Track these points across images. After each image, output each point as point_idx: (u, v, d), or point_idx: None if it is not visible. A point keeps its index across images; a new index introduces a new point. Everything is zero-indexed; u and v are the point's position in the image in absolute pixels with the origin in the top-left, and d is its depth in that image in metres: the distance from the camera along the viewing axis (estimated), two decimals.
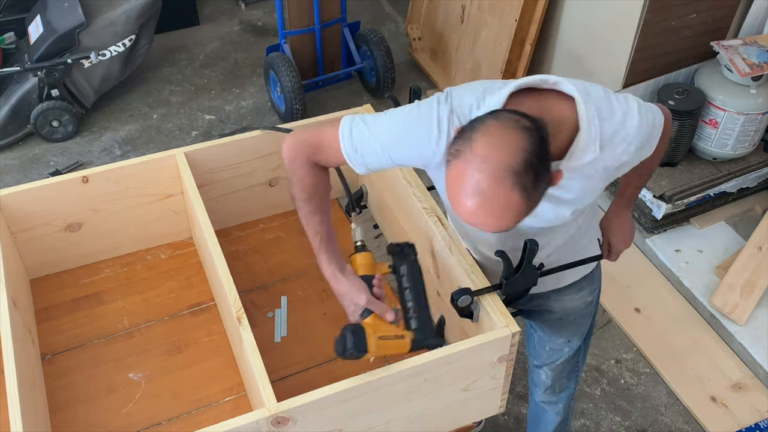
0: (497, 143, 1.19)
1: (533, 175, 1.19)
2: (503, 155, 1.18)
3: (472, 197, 1.20)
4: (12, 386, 1.42)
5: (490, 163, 1.18)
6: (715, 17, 2.87)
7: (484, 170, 1.18)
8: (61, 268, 1.95)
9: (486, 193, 1.19)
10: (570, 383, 2.03)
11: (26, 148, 3.49)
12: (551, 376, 1.98)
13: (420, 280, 1.56)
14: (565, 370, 1.97)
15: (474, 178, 1.19)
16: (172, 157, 1.86)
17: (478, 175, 1.18)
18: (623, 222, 1.82)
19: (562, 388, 2.02)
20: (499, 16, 3.26)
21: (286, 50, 3.55)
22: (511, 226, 1.25)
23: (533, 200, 1.23)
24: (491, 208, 1.20)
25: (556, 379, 1.99)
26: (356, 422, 1.51)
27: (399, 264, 1.59)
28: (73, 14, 3.35)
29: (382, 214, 2.07)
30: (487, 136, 1.20)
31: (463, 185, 1.21)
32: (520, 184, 1.18)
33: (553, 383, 2.00)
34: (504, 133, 1.20)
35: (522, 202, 1.20)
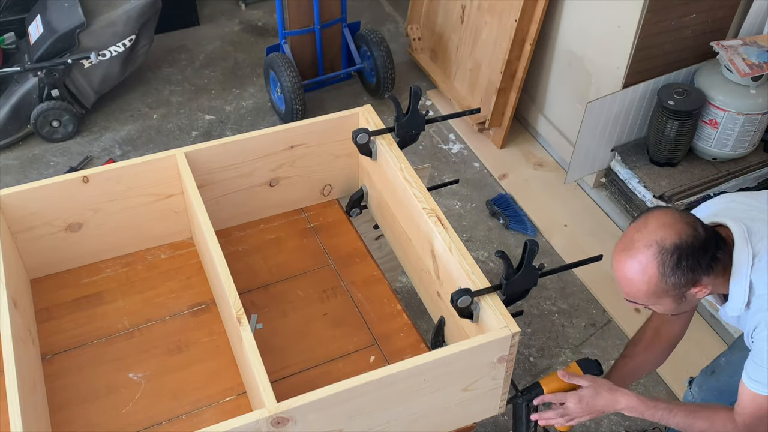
0: (666, 222, 1.46)
1: (675, 261, 1.44)
2: (661, 232, 1.45)
3: (622, 247, 1.50)
4: (12, 386, 1.42)
5: (648, 230, 1.46)
6: (715, 17, 2.87)
7: (642, 233, 1.47)
8: (62, 268, 1.95)
9: (632, 249, 1.47)
10: None
11: (26, 148, 3.50)
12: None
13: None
14: None
15: (632, 235, 1.48)
16: (173, 157, 1.86)
17: (636, 235, 1.48)
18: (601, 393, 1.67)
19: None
20: (499, 16, 3.26)
21: (286, 50, 3.55)
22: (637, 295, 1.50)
23: (666, 283, 1.46)
24: (629, 263, 1.47)
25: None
26: (356, 422, 1.51)
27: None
28: (73, 14, 3.35)
29: (382, 214, 2.07)
30: (664, 215, 1.48)
31: (625, 237, 1.51)
32: (661, 260, 1.44)
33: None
34: (675, 221, 1.46)
35: (655, 275, 1.45)
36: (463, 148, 3.56)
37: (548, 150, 3.53)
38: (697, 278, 1.47)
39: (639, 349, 1.87)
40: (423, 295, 1.95)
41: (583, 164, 3.04)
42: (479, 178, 3.42)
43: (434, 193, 1.91)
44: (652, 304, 1.54)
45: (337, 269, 2.00)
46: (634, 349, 1.87)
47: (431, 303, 1.89)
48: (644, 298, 1.51)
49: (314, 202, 2.17)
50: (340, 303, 1.92)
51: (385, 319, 1.89)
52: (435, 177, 3.34)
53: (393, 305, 1.92)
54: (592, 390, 1.64)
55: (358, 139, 1.93)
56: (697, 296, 1.51)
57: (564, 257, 3.05)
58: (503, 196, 3.29)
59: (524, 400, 1.71)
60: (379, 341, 1.84)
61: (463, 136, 3.61)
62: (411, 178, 1.83)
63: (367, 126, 1.96)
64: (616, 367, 1.86)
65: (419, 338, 1.85)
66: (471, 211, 3.26)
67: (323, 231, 2.10)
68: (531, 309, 2.85)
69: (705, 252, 1.46)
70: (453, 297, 1.57)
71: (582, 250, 3.06)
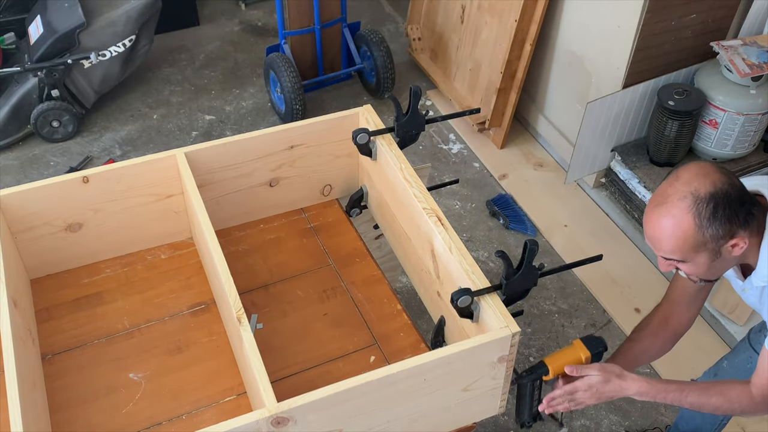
0: (699, 173, 1.43)
1: (711, 211, 1.40)
2: (695, 182, 1.41)
3: (655, 201, 1.46)
4: (12, 386, 1.42)
5: (681, 182, 1.43)
6: (715, 17, 2.87)
7: (675, 186, 1.43)
8: (62, 268, 1.95)
9: (666, 202, 1.43)
10: None
11: (26, 148, 3.50)
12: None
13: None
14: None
15: (665, 190, 1.45)
16: (173, 157, 1.86)
17: (669, 189, 1.44)
18: (611, 380, 1.63)
19: None
20: (499, 16, 3.26)
21: (286, 50, 3.55)
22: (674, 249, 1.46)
23: (704, 235, 1.42)
24: (664, 217, 1.44)
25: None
26: (356, 422, 1.51)
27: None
28: (73, 14, 3.35)
29: (382, 214, 2.07)
30: (697, 167, 1.45)
31: (657, 193, 1.47)
32: (696, 210, 1.40)
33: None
34: (709, 171, 1.43)
35: (692, 227, 1.41)
36: (463, 148, 3.56)
37: (548, 150, 3.53)
38: (734, 230, 1.43)
39: (646, 334, 1.83)
40: (423, 295, 1.95)
41: (583, 164, 3.04)
42: (479, 178, 3.42)
43: (434, 193, 1.91)
44: (687, 260, 1.49)
45: (337, 269, 2.00)
46: (641, 334, 1.83)
47: (431, 303, 1.89)
48: (681, 253, 1.46)
49: (314, 202, 2.17)
50: (340, 303, 1.92)
51: (385, 319, 1.89)
52: (435, 177, 3.34)
53: (393, 305, 1.92)
54: (601, 377, 1.60)
55: (358, 139, 1.93)
56: (734, 253, 1.46)
57: (564, 257, 3.05)
58: (503, 196, 3.29)
59: (530, 380, 1.67)
60: (379, 341, 1.84)
61: (463, 136, 3.61)
62: (411, 178, 1.83)
63: (367, 126, 1.96)
64: (621, 351, 1.83)
65: (419, 338, 1.85)
66: (471, 211, 3.26)
67: (323, 231, 2.10)
68: (531, 309, 2.85)
69: (742, 203, 1.42)
70: (453, 297, 1.57)
71: (582, 250, 3.06)
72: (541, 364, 1.66)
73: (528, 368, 1.68)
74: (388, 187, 1.96)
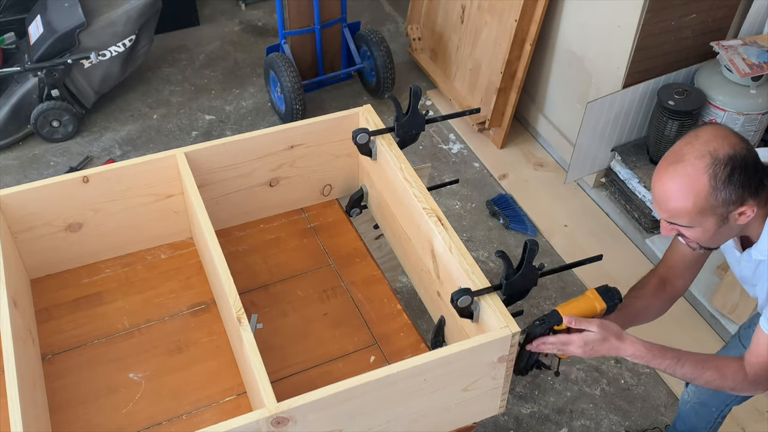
0: (718, 134, 1.39)
1: (728, 174, 1.36)
2: (714, 143, 1.38)
3: (670, 159, 1.41)
4: (12, 386, 1.42)
5: (701, 142, 1.38)
6: (715, 17, 2.87)
7: (694, 145, 1.39)
8: (62, 268, 1.95)
9: (682, 161, 1.39)
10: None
11: (26, 148, 3.50)
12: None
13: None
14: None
15: (682, 148, 1.40)
16: (173, 157, 1.86)
17: (686, 147, 1.40)
18: (609, 339, 1.58)
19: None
20: (499, 16, 3.26)
21: (286, 50, 3.55)
22: (683, 211, 1.41)
23: (716, 198, 1.38)
24: (677, 175, 1.39)
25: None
26: (356, 422, 1.51)
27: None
28: (73, 14, 3.35)
29: (382, 214, 2.07)
30: (716, 128, 1.41)
31: (672, 152, 1.42)
32: (713, 171, 1.36)
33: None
34: (728, 133, 1.40)
35: (706, 188, 1.37)
36: (463, 148, 3.56)
37: (548, 150, 3.53)
38: (745, 197, 1.40)
39: (645, 293, 1.79)
40: (423, 295, 1.95)
41: (583, 164, 3.04)
42: (479, 178, 3.42)
43: (434, 193, 1.91)
44: (693, 225, 1.45)
45: (337, 269, 2.00)
46: (641, 292, 1.80)
47: (431, 303, 1.89)
48: (688, 216, 1.42)
49: (314, 202, 2.17)
50: (340, 303, 1.92)
51: (385, 319, 1.89)
52: (435, 177, 3.34)
53: (393, 305, 1.92)
54: (599, 335, 1.55)
55: (358, 139, 1.93)
56: (740, 221, 1.44)
57: (564, 257, 3.05)
58: (503, 196, 3.29)
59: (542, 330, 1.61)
60: (379, 341, 1.84)
61: (463, 136, 3.61)
62: (411, 178, 1.83)
63: (367, 126, 1.96)
64: (622, 306, 1.74)
65: (419, 338, 1.85)
66: (471, 211, 3.26)
67: (323, 231, 2.10)
68: (531, 309, 2.85)
69: (756, 171, 1.40)
70: (453, 297, 1.57)
71: (582, 250, 3.06)
72: (554, 313, 1.59)
73: (541, 317, 1.61)
74: (388, 187, 1.96)
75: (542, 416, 2.56)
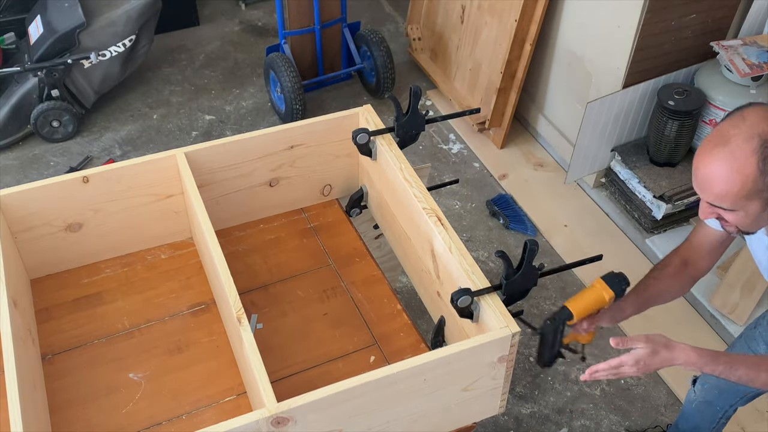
0: (766, 116, 1.32)
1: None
2: (763, 124, 1.30)
3: (716, 141, 1.35)
4: (12, 386, 1.42)
5: (748, 124, 1.31)
6: (715, 17, 2.87)
7: (741, 127, 1.32)
8: (62, 268, 1.95)
9: (729, 143, 1.32)
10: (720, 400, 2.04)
11: (26, 148, 3.50)
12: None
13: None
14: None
15: (728, 130, 1.33)
16: (173, 157, 1.86)
17: (733, 130, 1.32)
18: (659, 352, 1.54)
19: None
20: (499, 16, 3.26)
21: (286, 50, 3.55)
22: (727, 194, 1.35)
23: (764, 182, 1.32)
24: (724, 158, 1.33)
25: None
26: (356, 422, 1.51)
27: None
28: (73, 14, 3.35)
29: (382, 214, 2.07)
30: (764, 110, 1.33)
31: (716, 133, 1.36)
32: (762, 154, 1.30)
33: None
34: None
35: (754, 172, 1.31)
36: (463, 148, 3.56)
37: (548, 150, 3.53)
38: None
39: (666, 273, 1.76)
40: (423, 295, 1.95)
41: (583, 164, 3.04)
42: (479, 178, 3.42)
43: (434, 193, 1.91)
44: (737, 208, 1.40)
45: (337, 269, 2.00)
46: (662, 273, 1.77)
47: (431, 303, 1.89)
48: (733, 200, 1.37)
49: (314, 202, 2.17)
50: (340, 303, 1.92)
51: (385, 319, 1.89)
52: (435, 177, 3.34)
53: (393, 305, 1.92)
54: (649, 350, 1.51)
55: (358, 139, 1.93)
56: None
57: (564, 257, 3.05)
58: (503, 196, 3.29)
59: (553, 328, 1.61)
60: (379, 341, 1.84)
61: (463, 136, 3.61)
62: (411, 178, 1.83)
63: (367, 126, 1.96)
64: (640, 287, 1.76)
65: (419, 338, 1.85)
66: (471, 211, 3.26)
67: (323, 231, 2.10)
68: (531, 309, 2.85)
69: None
70: (453, 297, 1.57)
71: (582, 250, 3.06)
72: (564, 309, 1.59)
73: (551, 315, 1.62)
74: (388, 187, 1.96)
75: (542, 416, 2.56)
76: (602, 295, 1.60)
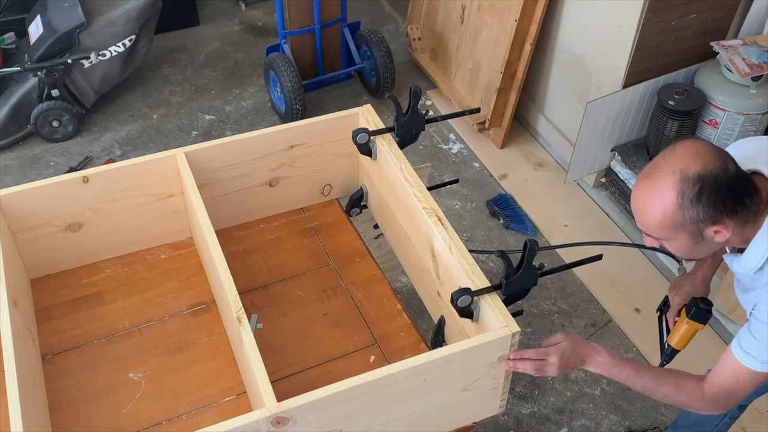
0: (692, 152, 1.37)
1: (696, 192, 1.34)
2: (687, 160, 1.36)
3: (646, 171, 1.42)
4: (12, 386, 1.42)
5: (674, 158, 1.38)
6: (715, 17, 2.87)
7: (668, 160, 1.39)
8: (62, 268, 1.95)
9: (653, 174, 1.40)
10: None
11: (26, 148, 3.49)
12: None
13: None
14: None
15: (657, 162, 1.41)
16: (173, 157, 1.86)
17: (662, 161, 1.40)
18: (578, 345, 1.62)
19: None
20: (499, 16, 3.26)
21: (286, 50, 3.55)
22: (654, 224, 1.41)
23: (684, 216, 1.37)
24: (647, 189, 1.40)
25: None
26: (356, 422, 1.51)
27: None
28: (73, 14, 3.35)
29: (382, 214, 2.07)
30: (694, 145, 1.39)
31: (650, 164, 1.43)
32: (681, 189, 1.35)
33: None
34: (704, 151, 1.37)
35: (672, 205, 1.36)
36: (463, 148, 3.56)
37: (548, 150, 3.52)
38: (717, 217, 1.36)
39: None
40: (423, 294, 1.95)
41: (583, 164, 3.04)
42: (479, 178, 3.42)
43: (434, 193, 1.91)
44: (667, 239, 1.44)
45: (337, 269, 2.00)
46: None
47: (431, 303, 1.89)
48: (659, 229, 1.42)
49: (314, 202, 2.17)
50: (340, 303, 1.92)
51: (385, 319, 1.89)
52: (435, 177, 3.34)
53: (393, 305, 1.92)
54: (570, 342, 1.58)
55: (358, 139, 1.93)
56: (716, 239, 1.40)
57: (564, 257, 3.05)
58: (503, 196, 3.29)
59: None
60: (379, 341, 1.84)
61: (463, 136, 3.61)
62: (411, 177, 1.83)
63: (367, 126, 1.96)
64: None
65: (419, 338, 1.85)
66: (471, 211, 3.26)
67: (323, 231, 2.10)
68: (531, 309, 2.85)
69: (731, 191, 1.36)
70: (453, 297, 1.57)
71: (582, 250, 3.06)
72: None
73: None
74: (388, 187, 1.96)
75: (542, 416, 2.56)
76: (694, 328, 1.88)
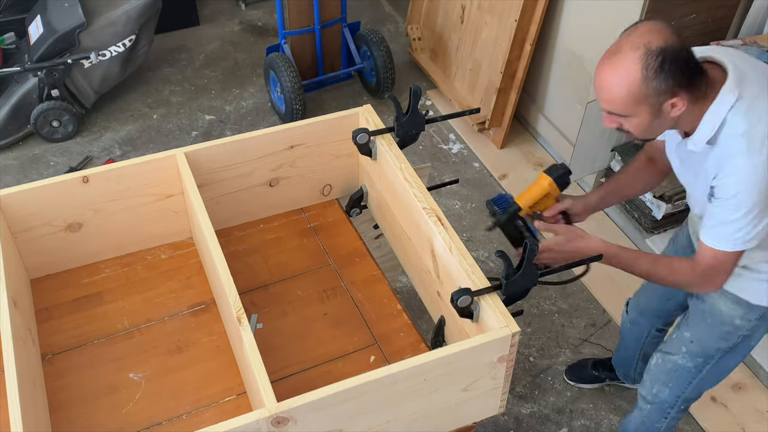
0: (653, 29, 1.48)
1: (659, 65, 1.45)
2: (649, 35, 1.47)
3: (610, 51, 1.54)
4: (12, 386, 1.42)
5: (637, 35, 1.49)
6: (715, 17, 2.87)
7: (631, 37, 1.50)
8: (62, 268, 1.95)
9: (617, 52, 1.51)
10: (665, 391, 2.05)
11: (26, 148, 3.50)
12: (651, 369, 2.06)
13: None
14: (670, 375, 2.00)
15: (620, 41, 1.52)
16: (173, 157, 1.86)
17: (625, 40, 1.51)
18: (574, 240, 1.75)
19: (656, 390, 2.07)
20: (499, 16, 3.26)
21: (286, 50, 3.55)
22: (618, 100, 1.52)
23: (648, 87, 1.47)
24: (612, 65, 1.51)
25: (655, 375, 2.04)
26: (356, 422, 1.51)
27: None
28: (73, 14, 3.35)
29: (382, 214, 2.07)
30: (654, 23, 1.50)
31: (613, 45, 1.54)
32: (645, 62, 1.46)
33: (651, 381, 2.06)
34: (664, 29, 1.48)
35: (638, 78, 1.47)
36: (463, 148, 3.56)
37: (548, 150, 3.52)
38: (676, 89, 1.48)
39: (633, 166, 1.99)
40: (423, 294, 1.95)
41: (583, 164, 3.04)
42: (479, 178, 3.42)
43: (434, 193, 1.91)
44: (629, 115, 1.54)
45: (337, 269, 2.00)
46: (629, 167, 1.99)
47: (431, 303, 1.89)
48: (623, 105, 1.52)
49: (314, 202, 2.17)
50: (340, 303, 1.92)
51: (385, 319, 1.89)
52: (435, 177, 3.34)
53: (393, 305, 1.92)
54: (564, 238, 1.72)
55: (358, 139, 1.93)
56: (672, 113, 1.52)
57: None
58: (503, 196, 3.28)
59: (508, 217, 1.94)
60: (379, 341, 1.84)
61: (463, 136, 3.61)
62: (411, 178, 1.83)
63: (367, 126, 1.96)
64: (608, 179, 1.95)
65: (419, 338, 1.85)
66: (471, 211, 3.26)
67: (323, 231, 2.10)
68: (531, 309, 2.85)
69: (687, 65, 1.49)
70: (453, 297, 1.57)
71: None
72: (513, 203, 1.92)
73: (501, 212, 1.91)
74: (388, 187, 1.96)
75: (542, 416, 2.56)
76: (541, 182, 1.86)
